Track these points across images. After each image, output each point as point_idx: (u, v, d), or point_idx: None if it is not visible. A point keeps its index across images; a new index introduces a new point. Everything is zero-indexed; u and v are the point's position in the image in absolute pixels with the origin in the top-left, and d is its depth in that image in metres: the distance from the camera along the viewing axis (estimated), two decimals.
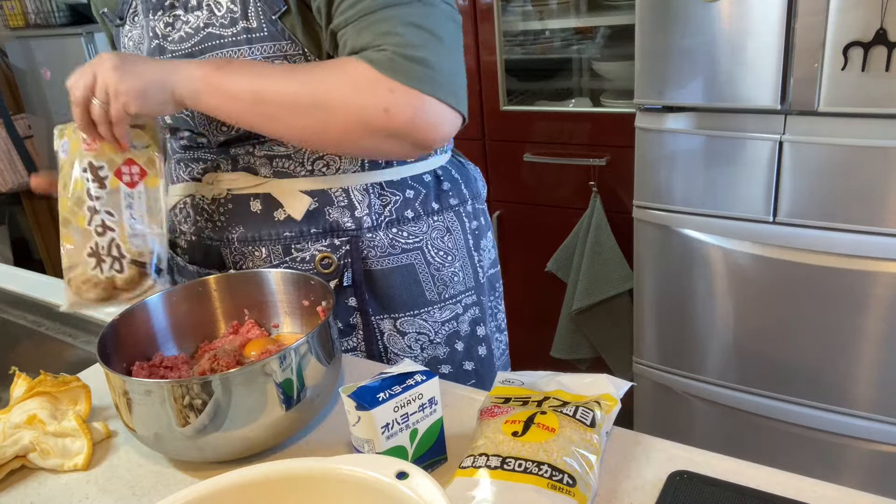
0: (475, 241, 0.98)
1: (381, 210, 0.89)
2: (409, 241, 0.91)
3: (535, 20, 2.09)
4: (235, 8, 0.80)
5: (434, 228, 0.93)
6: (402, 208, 0.91)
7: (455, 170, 0.98)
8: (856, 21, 1.28)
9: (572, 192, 1.99)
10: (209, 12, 0.82)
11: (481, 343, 1.00)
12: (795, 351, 1.56)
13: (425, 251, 0.92)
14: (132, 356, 0.77)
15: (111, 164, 0.80)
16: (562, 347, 2.07)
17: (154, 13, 0.86)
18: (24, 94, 3.07)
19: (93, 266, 0.81)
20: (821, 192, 1.43)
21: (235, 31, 0.81)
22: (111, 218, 0.80)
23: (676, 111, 1.55)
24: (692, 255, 1.63)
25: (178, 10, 0.85)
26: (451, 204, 0.95)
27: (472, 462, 0.60)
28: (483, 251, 1.00)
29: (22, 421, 0.73)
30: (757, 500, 0.58)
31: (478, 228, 0.99)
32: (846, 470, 1.60)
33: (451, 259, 0.94)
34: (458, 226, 0.95)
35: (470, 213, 0.98)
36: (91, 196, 0.79)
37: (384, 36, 0.73)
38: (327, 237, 0.88)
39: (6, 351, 1.16)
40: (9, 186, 3.08)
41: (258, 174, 0.88)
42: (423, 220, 0.92)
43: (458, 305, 0.96)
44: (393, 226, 0.90)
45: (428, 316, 0.93)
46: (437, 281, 0.93)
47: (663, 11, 1.47)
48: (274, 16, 0.79)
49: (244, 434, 0.67)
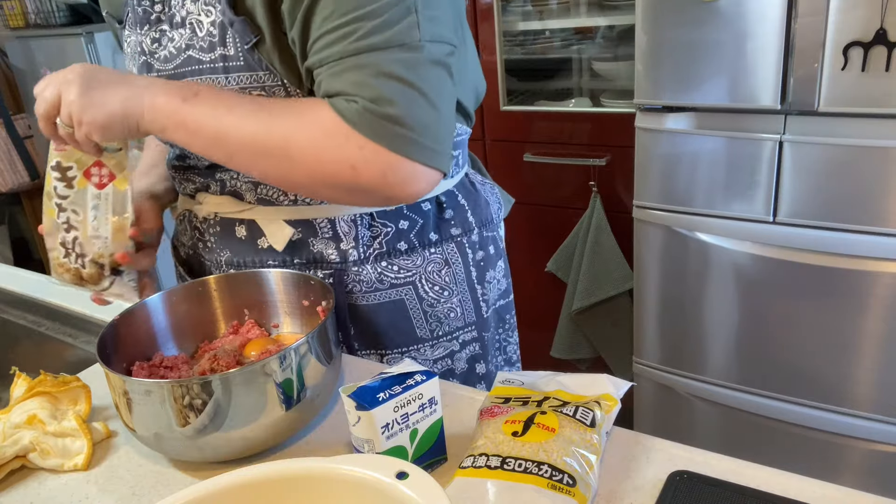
0: (479, 273, 0.91)
1: (370, 242, 0.84)
2: (399, 276, 0.85)
3: (535, 20, 2.09)
4: (215, 31, 0.75)
5: (430, 262, 0.86)
6: (395, 240, 0.84)
7: (463, 195, 0.90)
8: (856, 21, 1.28)
9: (572, 192, 1.99)
10: (191, 31, 0.77)
11: (480, 381, 0.94)
12: (795, 351, 1.56)
13: (418, 286, 0.86)
14: (132, 356, 0.77)
15: (80, 165, 0.80)
16: (562, 347, 2.07)
17: (141, 27, 0.82)
18: (24, 94, 3.07)
19: (63, 255, 0.83)
20: (821, 192, 1.43)
21: (213, 57, 0.76)
22: (76, 217, 0.81)
23: (676, 111, 1.55)
24: (692, 255, 1.63)
25: (163, 24, 0.80)
26: (453, 234, 0.88)
27: (472, 462, 0.60)
28: (489, 283, 0.92)
29: (22, 421, 0.73)
30: (757, 500, 0.58)
31: (484, 259, 0.91)
32: (846, 470, 1.60)
33: (448, 294, 0.88)
34: (458, 258, 0.88)
35: (475, 242, 0.90)
36: (58, 195, 0.80)
37: (357, 86, 0.67)
38: (310, 269, 0.85)
39: (6, 351, 1.16)
40: (9, 186, 3.08)
41: (243, 199, 0.85)
42: (417, 252, 0.85)
43: (454, 342, 0.90)
44: (382, 259, 0.84)
45: (418, 353, 0.88)
46: (429, 317, 0.87)
47: (663, 11, 1.47)
48: (246, 45, 0.74)
49: (244, 434, 0.67)
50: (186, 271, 0.97)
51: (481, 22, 2.00)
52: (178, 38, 0.79)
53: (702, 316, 1.67)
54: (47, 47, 2.83)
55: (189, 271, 0.96)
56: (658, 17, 1.49)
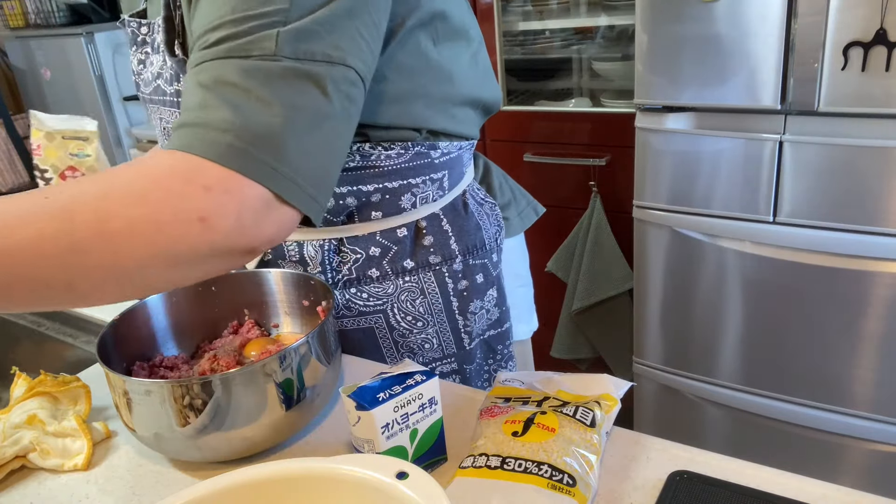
0: (462, 303, 0.84)
1: (338, 268, 0.79)
2: (369, 304, 0.80)
3: (535, 20, 2.09)
4: (174, 65, 0.73)
5: (403, 290, 0.80)
6: (365, 267, 0.79)
7: (449, 219, 0.83)
8: (856, 21, 1.28)
9: (572, 192, 1.99)
10: (162, 60, 0.75)
11: None
12: (795, 351, 1.56)
13: (389, 315, 0.81)
14: (132, 356, 0.77)
15: (54, 169, 0.85)
16: (562, 347, 2.07)
17: (131, 48, 0.83)
18: (24, 94, 3.07)
19: None
20: (821, 192, 1.43)
21: (172, 90, 0.75)
22: None
23: (676, 111, 1.55)
24: (692, 255, 1.63)
25: (147, 47, 0.79)
26: (431, 262, 0.81)
27: (472, 462, 0.60)
28: (473, 315, 0.85)
29: (22, 421, 0.73)
30: (757, 500, 0.58)
31: (468, 289, 0.84)
32: (846, 470, 1.60)
33: (423, 325, 0.82)
34: (434, 287, 0.81)
35: (457, 271, 0.83)
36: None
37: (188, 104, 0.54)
38: None
39: (6, 351, 1.16)
40: (9, 186, 3.08)
41: None
42: (390, 280, 0.79)
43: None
44: (351, 286, 0.80)
45: None
46: (401, 347, 0.82)
47: (663, 11, 1.47)
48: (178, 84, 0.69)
49: (244, 434, 0.67)
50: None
51: (481, 22, 2.00)
52: (154, 64, 0.78)
53: (702, 316, 1.67)
54: (47, 47, 2.83)
55: None
56: (658, 17, 1.49)
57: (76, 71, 2.72)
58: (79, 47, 2.67)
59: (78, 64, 2.69)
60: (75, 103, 2.79)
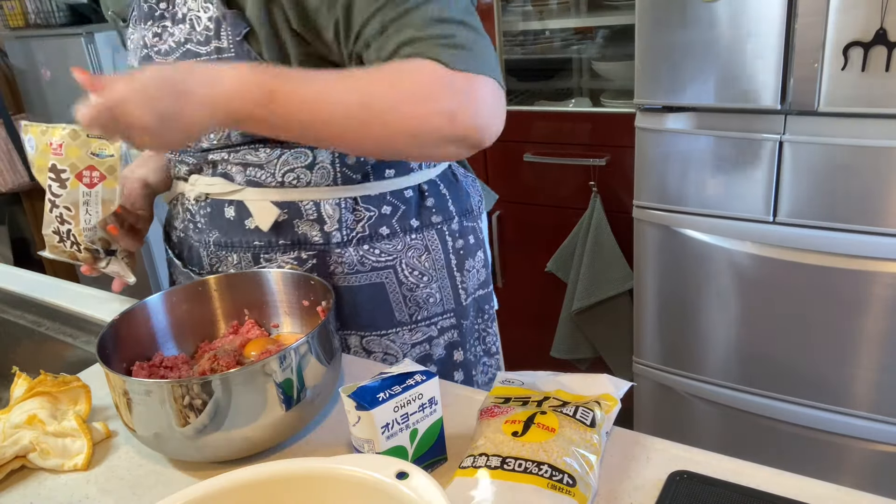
0: (459, 261, 0.93)
1: (353, 226, 0.86)
2: (380, 260, 0.88)
3: (535, 20, 2.09)
4: (211, 25, 0.80)
5: (410, 247, 0.89)
6: (377, 224, 0.87)
7: (445, 185, 0.94)
8: (856, 21, 1.28)
9: (572, 192, 1.99)
10: (190, 26, 0.82)
11: (458, 368, 0.96)
12: (795, 351, 1.56)
13: (398, 270, 0.88)
14: (132, 356, 0.77)
15: (73, 169, 0.85)
16: (562, 347, 2.07)
17: (145, 22, 0.86)
18: (24, 94, 3.06)
19: (57, 241, 0.90)
20: (821, 192, 1.43)
21: (209, 49, 0.80)
22: (69, 213, 0.88)
23: (676, 111, 1.55)
24: (692, 255, 1.63)
25: (166, 21, 0.84)
26: (433, 221, 0.91)
27: (472, 462, 0.60)
28: (469, 272, 0.95)
29: (22, 421, 0.73)
30: (757, 500, 0.58)
31: (464, 248, 0.94)
32: (846, 470, 1.60)
33: (428, 280, 0.90)
34: (438, 245, 0.91)
35: (455, 231, 0.93)
36: (53, 193, 0.87)
37: (410, 44, 0.70)
38: (295, 250, 0.87)
39: (6, 351, 1.16)
40: (9, 186, 3.08)
41: (233, 181, 0.87)
42: (399, 237, 0.88)
43: (432, 328, 0.92)
44: (365, 242, 0.87)
45: (396, 337, 0.90)
46: (409, 302, 0.89)
47: (663, 11, 1.47)
48: (238, 37, 0.78)
49: (244, 434, 0.67)
50: (177, 255, 0.99)
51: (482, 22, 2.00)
52: (178, 32, 0.83)
53: (701, 316, 1.67)
54: (47, 47, 2.83)
55: (179, 255, 0.98)
56: (658, 17, 1.49)
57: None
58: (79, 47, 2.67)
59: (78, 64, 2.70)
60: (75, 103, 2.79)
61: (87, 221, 0.87)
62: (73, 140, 0.84)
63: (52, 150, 0.85)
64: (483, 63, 0.72)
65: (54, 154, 0.85)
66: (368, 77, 0.71)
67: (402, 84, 0.70)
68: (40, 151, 0.86)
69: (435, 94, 0.70)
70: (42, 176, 0.87)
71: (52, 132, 0.85)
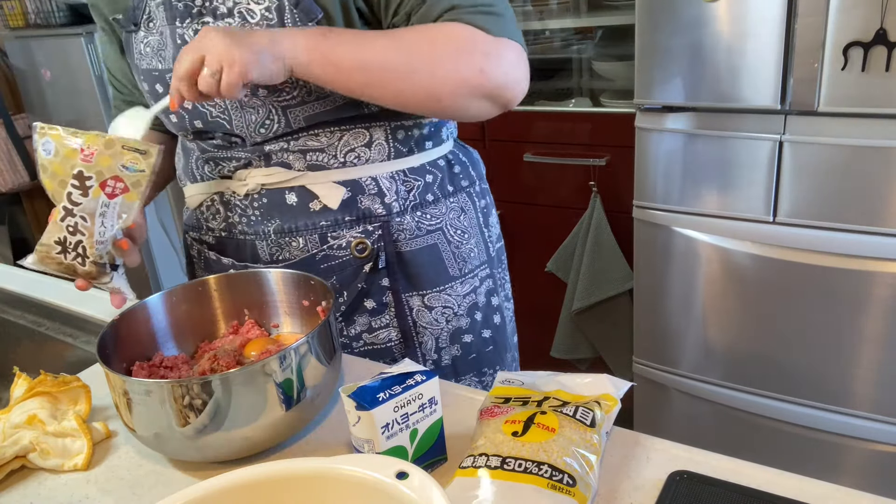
0: (484, 218, 1.04)
1: (406, 195, 0.94)
2: (431, 223, 0.97)
3: (535, 20, 2.09)
4: (271, 15, 0.82)
5: (451, 210, 0.99)
6: (424, 192, 0.96)
7: (462, 153, 1.04)
8: (856, 21, 1.28)
9: (572, 192, 1.99)
10: (241, 19, 0.83)
11: (496, 312, 1.06)
12: (795, 351, 1.56)
13: (445, 231, 0.98)
14: (132, 356, 0.77)
15: (99, 176, 0.82)
16: (562, 347, 2.07)
17: (182, 21, 0.86)
18: (24, 94, 3.06)
19: (57, 251, 0.84)
20: (821, 192, 1.43)
21: None
22: (84, 223, 0.83)
23: (676, 111, 1.55)
24: (692, 255, 1.63)
25: (206, 17, 0.85)
26: (463, 185, 1.01)
27: (472, 462, 0.60)
28: (491, 227, 1.06)
29: (22, 421, 0.73)
30: (757, 500, 0.58)
31: (485, 206, 1.05)
32: (846, 470, 1.60)
33: (468, 237, 1.00)
34: (470, 205, 1.01)
35: (478, 192, 1.04)
36: (72, 201, 0.82)
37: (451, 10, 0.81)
38: (361, 224, 0.93)
39: (6, 351, 1.16)
40: (9, 186, 3.08)
41: (292, 168, 0.91)
42: (441, 202, 0.98)
43: (475, 279, 1.02)
44: (417, 209, 0.95)
45: (451, 291, 0.99)
46: (457, 258, 0.99)
47: (663, 11, 1.47)
48: (310, 22, 0.82)
49: (244, 434, 0.67)
50: (216, 255, 0.99)
51: None
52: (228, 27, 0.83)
53: (701, 316, 1.67)
54: (47, 47, 2.83)
55: (222, 252, 0.99)
56: (658, 17, 1.49)
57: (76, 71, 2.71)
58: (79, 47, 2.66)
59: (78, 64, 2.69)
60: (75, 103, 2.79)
61: (101, 234, 0.83)
62: (107, 149, 0.82)
63: (82, 156, 0.82)
64: (512, 29, 0.84)
65: (83, 160, 0.81)
66: (410, 35, 0.81)
67: (438, 41, 0.80)
68: (62, 157, 0.83)
69: (468, 50, 0.80)
70: (54, 182, 0.83)
71: (85, 138, 0.82)
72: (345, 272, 0.93)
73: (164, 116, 0.95)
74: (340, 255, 0.93)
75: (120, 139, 0.82)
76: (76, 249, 0.84)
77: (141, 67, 0.92)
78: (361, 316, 0.96)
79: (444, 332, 0.99)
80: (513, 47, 0.84)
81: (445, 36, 0.81)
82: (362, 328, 0.96)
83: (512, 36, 0.84)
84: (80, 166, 0.81)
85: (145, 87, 0.94)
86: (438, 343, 0.99)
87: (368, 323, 0.96)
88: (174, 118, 0.93)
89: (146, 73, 0.92)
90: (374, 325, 0.96)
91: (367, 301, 0.95)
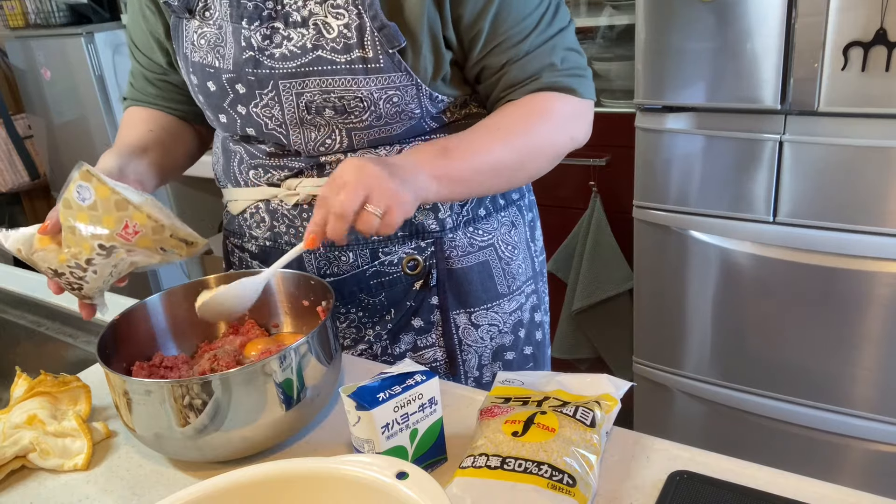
0: (531, 232, 1.03)
1: (459, 210, 0.92)
2: (483, 239, 0.95)
3: None
4: (350, 34, 0.78)
5: (502, 224, 0.97)
6: (476, 207, 0.94)
7: None
8: (856, 21, 1.28)
9: (572, 192, 1.99)
10: (317, 32, 0.79)
11: (538, 328, 1.05)
12: (795, 351, 1.56)
13: (497, 247, 0.96)
14: (132, 356, 0.77)
15: (129, 252, 0.75)
16: (562, 347, 2.07)
17: (250, 22, 0.82)
18: (24, 94, 3.06)
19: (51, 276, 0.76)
20: (821, 192, 1.43)
21: (350, 58, 0.79)
22: (93, 276, 0.76)
23: (676, 111, 1.55)
24: (692, 255, 1.63)
25: (277, 22, 0.81)
26: (513, 199, 1.00)
27: (472, 462, 0.60)
28: (537, 241, 1.06)
29: (22, 421, 0.73)
30: (757, 500, 0.58)
31: (532, 220, 1.05)
32: (846, 470, 1.60)
33: (517, 252, 0.99)
34: (520, 219, 1.00)
35: (527, 205, 1.03)
36: (88, 262, 0.74)
37: (550, 69, 0.83)
38: (413, 240, 0.91)
39: (6, 351, 1.16)
40: (9, 186, 3.08)
41: None
42: (493, 217, 0.96)
43: (521, 296, 1.00)
44: (469, 225, 0.93)
45: (499, 308, 0.97)
46: (506, 274, 0.97)
47: (663, 11, 1.47)
48: (392, 49, 0.78)
49: (244, 434, 0.67)
50: (259, 264, 0.96)
51: None
52: (300, 37, 0.80)
53: (701, 316, 1.67)
54: (47, 47, 2.83)
55: (265, 262, 0.95)
56: (658, 17, 1.49)
57: (76, 71, 2.71)
58: (79, 47, 2.66)
59: (78, 64, 2.69)
60: (75, 103, 2.79)
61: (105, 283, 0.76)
62: (154, 234, 0.74)
63: (123, 231, 0.73)
64: (593, 89, 0.88)
65: (121, 236, 0.72)
66: (512, 126, 0.83)
67: (536, 126, 0.83)
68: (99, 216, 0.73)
69: (562, 126, 0.85)
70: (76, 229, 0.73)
71: (134, 214, 0.73)
72: (395, 289, 0.91)
73: (210, 110, 0.89)
74: (391, 272, 0.91)
75: (171, 227, 0.74)
76: (70, 284, 0.77)
77: (192, 59, 0.86)
78: (407, 334, 0.94)
79: (487, 350, 0.97)
80: (591, 106, 0.88)
81: (540, 117, 0.83)
82: (407, 346, 0.94)
83: (593, 96, 0.88)
84: (117, 241, 0.73)
85: (193, 80, 0.88)
86: (481, 360, 0.97)
87: (414, 342, 0.94)
88: (224, 118, 0.88)
89: (198, 66, 0.86)
90: (419, 344, 0.94)
91: (414, 319, 0.93)
